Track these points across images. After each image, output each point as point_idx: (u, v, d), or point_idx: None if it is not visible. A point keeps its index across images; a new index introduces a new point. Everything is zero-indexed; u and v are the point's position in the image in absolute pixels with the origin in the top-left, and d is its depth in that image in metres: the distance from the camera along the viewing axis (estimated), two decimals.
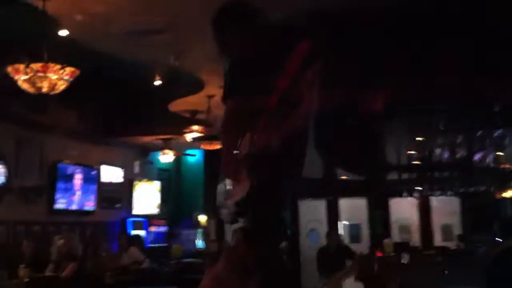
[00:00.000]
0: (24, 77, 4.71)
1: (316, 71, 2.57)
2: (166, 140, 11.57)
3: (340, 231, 12.77)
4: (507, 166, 11.15)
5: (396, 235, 13.35)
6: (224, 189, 2.76)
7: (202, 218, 13.12)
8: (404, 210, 14.02)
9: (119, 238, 10.07)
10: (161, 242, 12.64)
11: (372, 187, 12.85)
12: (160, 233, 12.84)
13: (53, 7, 5.20)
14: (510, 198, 12.50)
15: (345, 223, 14.02)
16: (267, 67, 2.63)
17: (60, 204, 9.90)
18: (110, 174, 11.60)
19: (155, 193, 13.08)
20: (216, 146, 9.65)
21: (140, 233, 11.63)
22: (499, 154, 10.79)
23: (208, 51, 6.69)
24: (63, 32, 5.75)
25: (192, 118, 9.83)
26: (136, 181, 12.47)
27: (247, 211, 2.61)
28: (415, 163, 11.04)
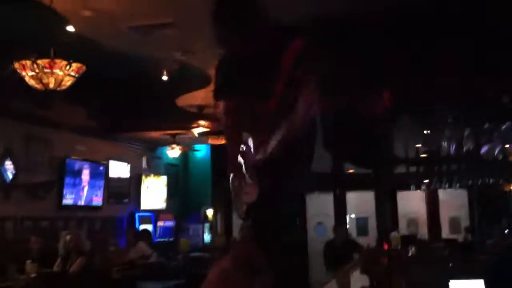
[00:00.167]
0: (31, 73, 4.73)
1: (310, 70, 2.51)
2: (174, 135, 11.59)
3: (348, 224, 12.79)
4: None
5: (404, 228, 13.35)
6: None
7: (210, 213, 13.16)
8: (412, 203, 14.01)
9: (126, 233, 10.14)
10: (168, 236, 12.70)
11: (380, 180, 12.84)
12: (167, 227, 12.89)
13: (60, 4, 5.21)
14: None
15: (352, 216, 14.03)
16: (265, 69, 2.55)
17: (68, 200, 9.94)
18: (118, 169, 11.64)
19: (162, 188, 13.13)
20: (223, 141, 9.66)
21: (148, 227, 11.68)
22: (507, 146, 10.74)
23: (215, 46, 6.73)
24: (70, 28, 5.76)
25: (199, 113, 9.83)
26: (143, 176, 12.51)
27: (254, 211, 2.62)
28: (423, 156, 11.01)
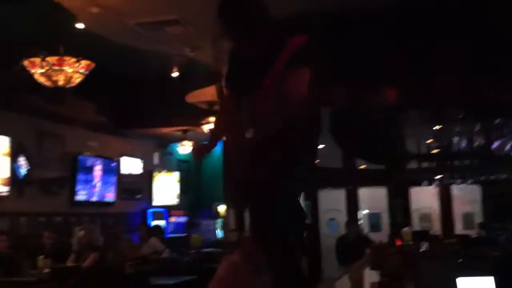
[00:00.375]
0: (41, 70, 4.77)
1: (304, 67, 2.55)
2: (185, 131, 11.62)
3: (360, 220, 12.76)
4: None
5: (416, 224, 13.30)
6: None
7: (222, 208, 13.18)
8: (424, 198, 13.95)
9: (139, 229, 10.18)
10: (181, 232, 12.74)
11: (392, 176, 12.78)
12: (180, 223, 12.94)
13: (69, 1, 5.24)
14: None
15: (365, 212, 14.00)
16: (262, 63, 2.62)
17: (81, 196, 10.01)
18: (130, 165, 11.69)
19: (174, 184, 13.17)
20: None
21: (160, 223, 11.73)
22: None
23: (224, 41, 6.74)
24: (78, 25, 5.79)
25: (209, 109, 9.85)
26: (155, 172, 12.56)
27: (252, 208, 2.63)
28: (435, 151, 10.94)
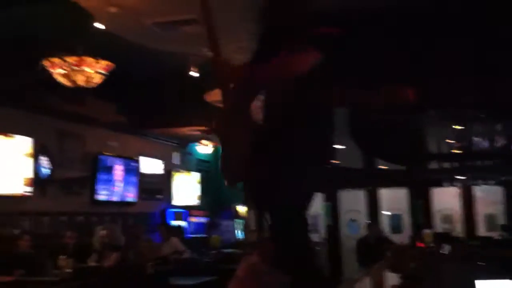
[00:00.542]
0: (60, 70, 4.80)
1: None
2: (205, 131, 11.63)
3: (381, 221, 12.68)
4: None
5: (438, 225, 13.18)
6: None
7: (242, 209, 13.18)
8: (446, 200, 13.82)
9: (159, 229, 10.21)
10: (201, 232, 12.75)
11: (413, 177, 12.68)
12: (200, 223, 12.95)
13: (87, 1, 5.26)
14: None
15: (386, 213, 13.90)
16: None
17: (102, 195, 10.07)
18: (150, 165, 11.74)
19: (194, 184, 13.20)
20: None
21: (180, 224, 11.75)
22: None
23: (242, 41, 6.72)
24: (97, 26, 5.82)
25: None
26: (175, 172, 12.59)
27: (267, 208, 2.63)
28: (456, 152, 10.82)
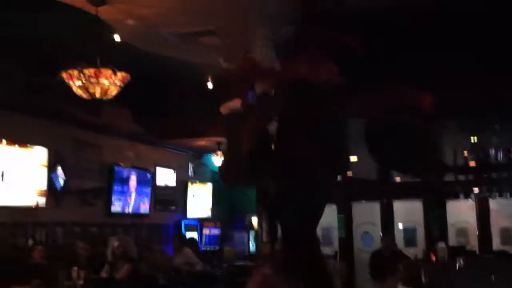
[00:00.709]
0: (78, 82, 4.84)
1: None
2: (219, 142, 11.65)
3: (395, 234, 12.57)
4: None
5: (453, 239, 13.05)
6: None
7: (255, 220, 13.14)
8: (461, 212, 13.67)
9: (173, 239, 10.20)
10: (214, 244, 12.74)
11: (428, 189, 12.58)
12: (213, 236, 12.93)
13: (105, 13, 5.32)
14: None
15: (400, 226, 13.80)
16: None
17: (116, 207, 10.08)
18: (165, 176, 11.76)
19: (208, 195, 13.19)
20: None
21: (193, 235, 11.74)
22: None
23: (257, 53, 6.75)
24: (115, 37, 5.88)
25: None
26: (190, 183, 12.59)
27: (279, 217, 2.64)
28: (472, 163, 10.74)
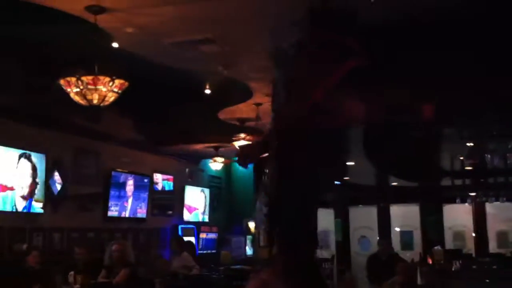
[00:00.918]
0: (76, 89, 4.89)
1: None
2: (216, 148, 11.72)
3: (392, 238, 12.64)
4: None
5: (450, 242, 13.13)
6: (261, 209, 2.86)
7: (252, 225, 13.20)
8: (458, 216, 13.78)
9: (172, 243, 10.25)
10: (211, 248, 12.79)
11: (425, 193, 12.66)
12: (210, 239, 12.99)
13: (103, 21, 5.37)
14: None
15: (397, 230, 13.87)
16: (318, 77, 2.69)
17: (113, 212, 10.13)
18: (162, 181, 11.81)
19: (206, 200, 13.25)
20: (264, 154, 9.67)
21: (190, 239, 11.79)
22: None
23: (257, 60, 6.81)
24: (113, 45, 5.93)
25: (241, 126, 9.92)
26: (187, 188, 12.64)
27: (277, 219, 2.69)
28: (469, 168, 10.81)
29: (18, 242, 8.07)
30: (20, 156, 8.04)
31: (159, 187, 11.68)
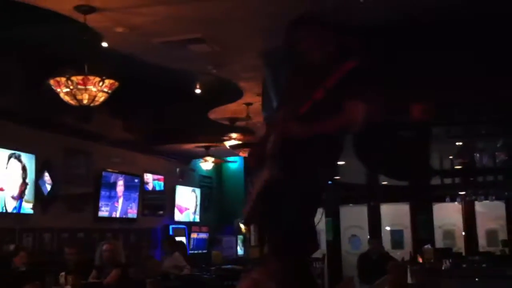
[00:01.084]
0: (66, 89, 4.88)
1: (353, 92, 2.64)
2: (207, 148, 11.72)
3: (383, 237, 12.69)
4: None
5: (440, 241, 13.19)
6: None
7: (243, 225, 13.21)
8: (448, 215, 13.85)
9: (162, 243, 10.24)
10: (202, 248, 12.79)
11: (416, 192, 12.69)
12: (201, 239, 12.99)
13: (93, 21, 5.36)
14: None
15: (387, 229, 13.92)
16: (318, 78, 2.70)
17: (103, 212, 10.10)
18: (152, 181, 11.79)
19: (196, 200, 13.24)
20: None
21: (181, 239, 11.78)
22: None
23: (247, 60, 6.82)
24: (103, 44, 5.91)
25: (231, 126, 9.93)
26: (177, 188, 12.63)
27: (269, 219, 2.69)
28: (458, 167, 10.86)
29: (8, 243, 8.02)
30: (9, 157, 7.99)
31: (150, 187, 11.67)
